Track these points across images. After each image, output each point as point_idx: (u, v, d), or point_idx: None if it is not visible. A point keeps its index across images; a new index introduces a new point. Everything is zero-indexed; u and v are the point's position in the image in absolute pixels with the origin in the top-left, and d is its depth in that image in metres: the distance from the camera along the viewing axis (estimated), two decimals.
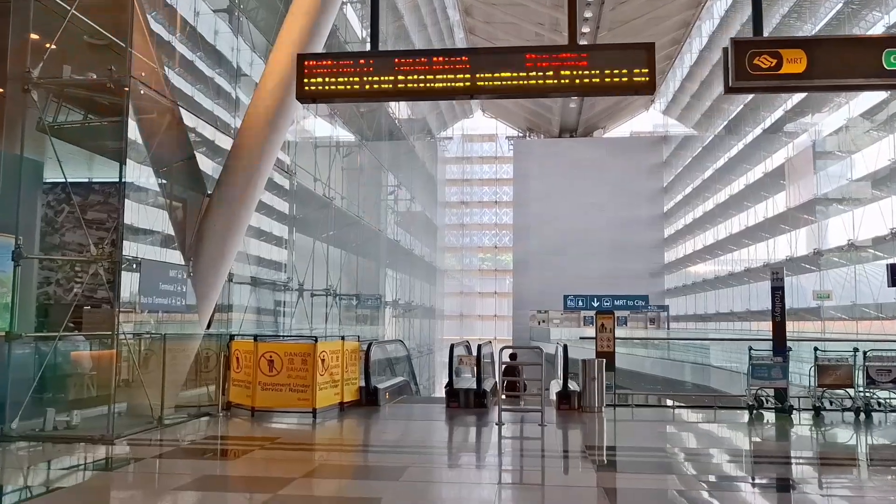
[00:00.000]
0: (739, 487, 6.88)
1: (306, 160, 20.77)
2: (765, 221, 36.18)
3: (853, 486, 6.91)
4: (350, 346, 12.50)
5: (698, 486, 6.66)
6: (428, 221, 42.89)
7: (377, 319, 30.45)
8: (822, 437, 10.39)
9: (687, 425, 11.39)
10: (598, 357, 12.44)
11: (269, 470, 7.36)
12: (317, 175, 20.87)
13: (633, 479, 7.05)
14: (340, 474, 7.17)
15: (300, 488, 6.36)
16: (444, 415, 11.68)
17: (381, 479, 6.90)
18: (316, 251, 21.13)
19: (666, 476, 7.15)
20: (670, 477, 7.11)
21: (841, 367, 11.90)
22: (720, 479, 7.13)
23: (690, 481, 6.87)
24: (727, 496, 6.40)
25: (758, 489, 6.84)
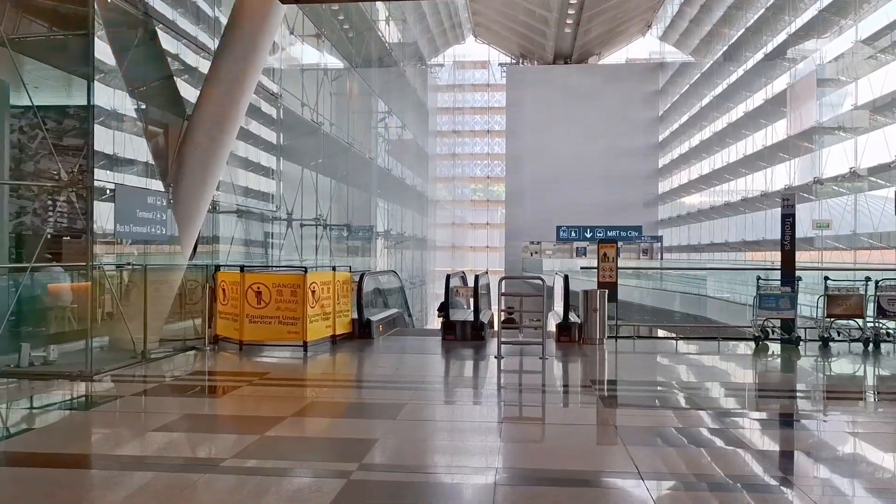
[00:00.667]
0: (755, 423, 6.49)
1: (293, 86, 19.82)
2: (763, 150, 35.48)
3: (871, 420, 6.52)
4: (342, 276, 11.97)
5: (711, 422, 6.25)
6: (419, 150, 41.93)
7: (369, 251, 29.94)
8: (834, 369, 10.04)
9: (691, 357, 11.03)
10: (600, 288, 11.99)
11: (258, 408, 6.90)
12: (304, 100, 19.95)
13: (642, 415, 6.64)
14: (333, 412, 6.72)
15: (290, 428, 5.90)
16: (440, 348, 11.26)
17: (377, 417, 6.46)
18: (305, 180, 20.40)
19: (677, 412, 6.74)
20: (682, 413, 6.70)
21: (851, 297, 11.50)
22: (732, 415, 6.73)
23: (703, 417, 6.46)
24: (742, 432, 6.00)
25: (773, 423, 6.44)
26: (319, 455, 5.25)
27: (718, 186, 44.36)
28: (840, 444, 5.72)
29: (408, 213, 38.97)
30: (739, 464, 5.03)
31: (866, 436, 5.91)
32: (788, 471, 4.98)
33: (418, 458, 5.11)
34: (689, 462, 5.01)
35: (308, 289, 10.70)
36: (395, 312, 14.60)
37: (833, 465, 5.04)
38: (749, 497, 4.27)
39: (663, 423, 6.24)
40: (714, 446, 5.50)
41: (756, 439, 5.80)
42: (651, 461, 4.97)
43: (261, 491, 4.34)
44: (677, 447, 5.44)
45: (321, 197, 21.32)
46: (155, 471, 4.73)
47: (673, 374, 9.20)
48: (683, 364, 10.30)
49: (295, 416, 6.35)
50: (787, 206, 12.02)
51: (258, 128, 18.85)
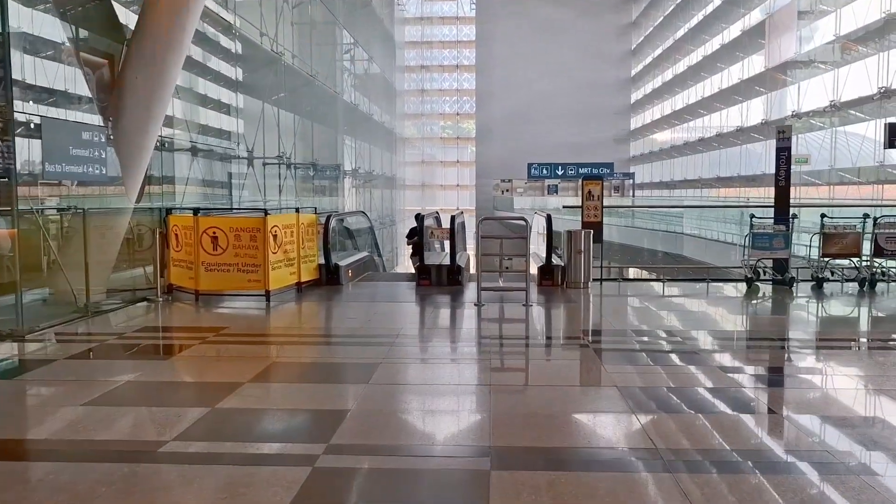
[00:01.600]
0: (769, 378, 5.84)
1: (251, 14, 18.34)
2: (740, 83, 34.67)
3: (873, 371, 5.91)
4: (306, 219, 11.03)
5: (716, 377, 5.59)
6: (387, 85, 40.32)
7: (336, 191, 28.82)
8: (833, 311, 9.47)
9: (682, 301, 10.39)
10: (584, 228, 11.23)
11: (210, 372, 6.06)
12: (263, 30, 18.51)
13: (642, 372, 5.95)
14: (297, 376, 5.91)
15: (246, 398, 5.08)
16: (414, 294, 10.47)
17: (347, 381, 5.67)
18: (266, 116, 19.12)
19: (682, 368, 6.07)
20: (686, 369, 6.03)
21: (848, 235, 10.90)
22: (740, 370, 6.08)
23: (708, 372, 5.79)
24: (759, 392, 5.35)
25: (794, 381, 5.79)
26: (279, 433, 4.45)
27: (692, 122, 43.62)
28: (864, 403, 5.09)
29: (376, 151, 37.68)
30: (768, 440, 4.35)
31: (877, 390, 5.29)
32: (810, 445, 4.31)
33: (395, 436, 4.33)
34: (721, 434, 4.31)
35: (269, 233, 9.76)
36: (365, 256, 13.74)
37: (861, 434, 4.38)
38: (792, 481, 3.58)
39: (670, 381, 5.54)
40: (729, 412, 4.82)
41: (779, 399, 5.13)
42: (666, 431, 4.26)
43: (201, 489, 3.53)
44: (694, 411, 4.74)
45: (284, 134, 20.09)
46: (70, 461, 3.89)
47: (666, 322, 8.53)
48: (675, 309, 9.65)
49: (253, 381, 5.53)
50: (782, 138, 11.26)
51: (217, 63, 17.49)
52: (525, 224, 9.47)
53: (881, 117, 23.94)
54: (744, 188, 36.06)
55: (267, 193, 19.65)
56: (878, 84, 23.03)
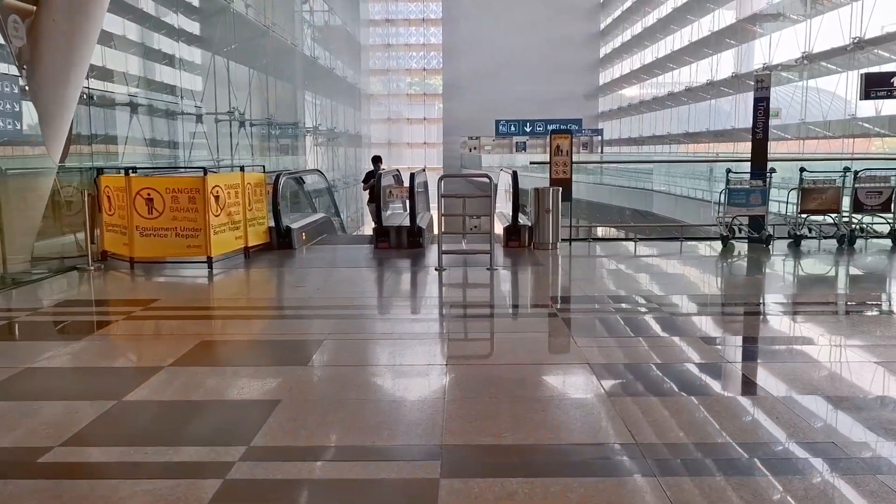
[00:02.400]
0: (758, 352, 5.30)
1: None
2: (710, 36, 33.98)
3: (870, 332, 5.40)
4: (253, 178, 10.19)
5: (697, 350, 5.03)
6: (350, 38, 38.86)
7: (297, 149, 27.74)
8: (814, 271, 8.98)
9: (655, 262, 9.83)
10: (552, 185, 10.56)
11: (127, 354, 5.32)
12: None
13: (616, 346, 5.36)
14: (228, 357, 5.20)
15: (161, 387, 4.37)
16: (371, 258, 9.75)
17: (283, 362, 4.97)
18: (218, 69, 17.98)
19: (659, 340, 5.49)
20: (666, 341, 5.46)
21: (827, 190, 10.39)
22: (717, 338, 5.53)
23: (688, 344, 5.23)
24: (749, 367, 4.80)
25: (781, 353, 5.24)
26: (191, 434, 3.74)
27: (661, 76, 42.96)
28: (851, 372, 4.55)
29: (339, 108, 36.43)
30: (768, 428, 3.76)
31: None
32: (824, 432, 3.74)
33: (328, 433, 3.66)
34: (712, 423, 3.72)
35: (210, 194, 8.92)
36: (322, 217, 12.94)
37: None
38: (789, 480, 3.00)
39: (646, 357, 4.94)
40: (722, 394, 4.24)
41: (770, 376, 4.55)
42: (647, 420, 3.65)
43: None
44: (677, 393, 4.14)
45: (238, 89, 18.98)
46: None
47: (639, 285, 7.94)
48: (648, 271, 9.07)
49: (174, 364, 4.81)
50: (760, 87, 10.65)
51: (156, 8, 16.25)
52: (489, 182, 8.76)
53: (853, 69, 23.51)
54: (713, 143, 35.69)
55: (221, 153, 18.62)
56: (850, 35, 22.51)
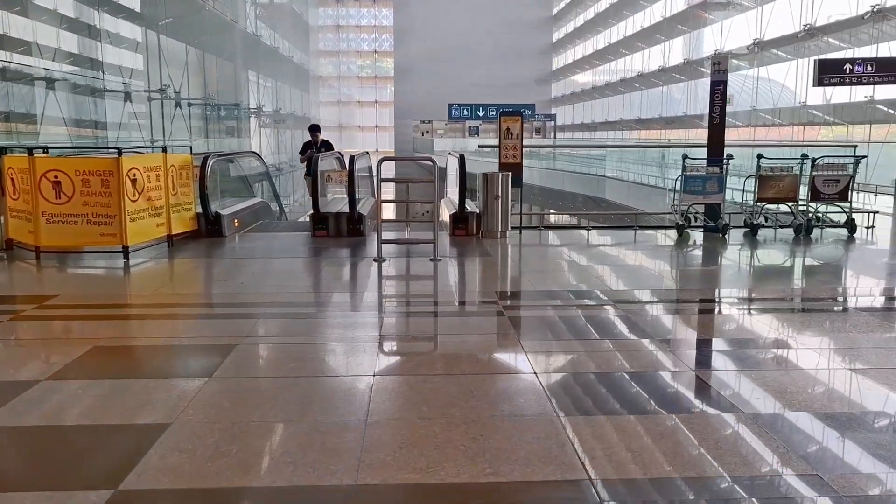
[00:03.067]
0: (730, 363, 4.82)
1: None
2: (662, 22, 33.82)
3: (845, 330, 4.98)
4: (178, 160, 9.36)
5: (656, 357, 4.51)
6: (297, 18, 37.57)
7: (240, 131, 26.62)
8: (774, 262, 8.61)
9: (608, 252, 9.35)
10: (502, 170, 9.98)
11: (4, 363, 4.54)
12: None
13: (564, 351, 4.81)
14: (120, 367, 4.47)
15: (26, 408, 3.64)
16: (306, 247, 9.05)
17: (183, 374, 4.27)
18: (149, 45, 16.86)
19: (611, 343, 4.96)
20: (617, 341, 4.93)
21: (785, 178, 10.04)
22: (678, 341, 5.03)
23: (646, 348, 4.71)
24: (693, 376, 4.30)
25: (752, 361, 4.75)
26: (46, 475, 3.03)
27: (614, 62, 42.81)
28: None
29: (286, 90, 35.22)
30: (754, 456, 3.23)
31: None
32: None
33: (218, 472, 2.99)
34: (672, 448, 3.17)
35: (126, 177, 8.07)
36: (258, 203, 12.14)
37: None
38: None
39: (602, 364, 4.40)
40: (689, 405, 3.71)
41: (741, 390, 4.04)
42: (604, 449, 3.09)
43: None
44: (636, 415, 3.59)
45: (172, 66, 17.87)
46: None
47: (591, 278, 7.41)
48: (601, 262, 8.58)
49: (55, 377, 4.08)
50: (718, 71, 10.22)
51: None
52: (433, 165, 8.11)
53: (803, 57, 23.52)
54: (665, 130, 35.69)
55: (157, 135, 17.56)
56: (801, 22, 22.45)
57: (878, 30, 18.80)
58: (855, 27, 19.86)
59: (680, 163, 10.07)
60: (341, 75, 65.36)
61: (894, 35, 18.91)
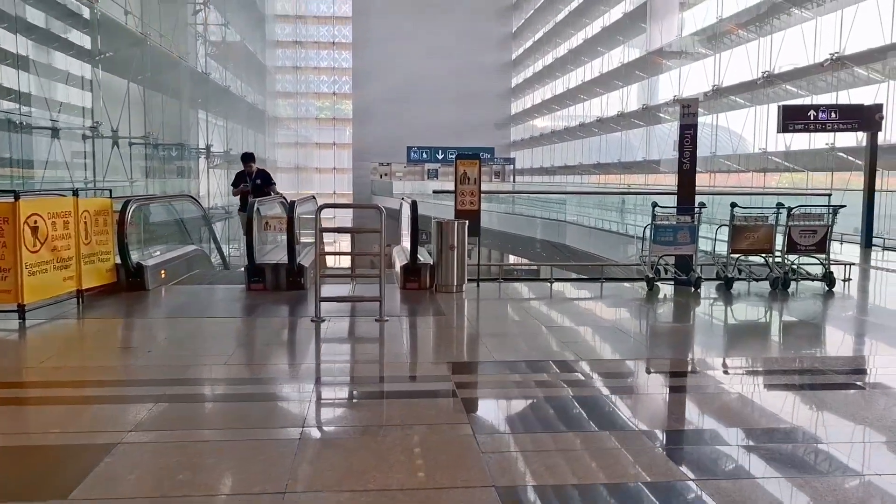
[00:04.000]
0: (710, 461, 3.96)
1: None
2: (620, 68, 33.89)
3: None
4: (94, 205, 8.31)
5: (648, 460, 3.63)
6: (251, 57, 36.76)
7: (187, 172, 25.47)
8: (756, 320, 7.87)
9: (575, 309, 8.52)
10: (457, 217, 9.13)
11: None
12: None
13: (533, 447, 3.90)
14: None
15: None
16: (237, 304, 8.03)
17: (34, 495, 3.23)
18: (84, 78, 15.76)
19: (590, 434, 4.08)
20: (595, 436, 4.04)
21: (760, 228, 9.38)
22: (670, 439, 4.17)
23: (634, 445, 3.83)
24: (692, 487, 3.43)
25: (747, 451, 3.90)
26: None
27: (573, 107, 42.88)
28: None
29: (239, 130, 34.20)
30: None
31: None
32: None
33: None
34: None
35: (24, 224, 6.99)
36: (192, 251, 11.06)
37: None
38: None
39: (579, 466, 3.49)
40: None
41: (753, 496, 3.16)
42: None
43: None
44: None
45: (110, 102, 16.80)
46: None
47: (557, 342, 6.50)
48: (567, 323, 7.73)
49: None
50: (687, 114, 9.60)
51: None
52: (379, 213, 7.21)
53: (762, 103, 23.48)
54: (624, 175, 35.57)
55: (90, 175, 16.38)
56: (759, 69, 22.43)
57: (836, 77, 18.73)
58: (813, 74, 19.82)
59: (647, 209, 9.39)
60: (299, 117, 64.55)
61: (852, 83, 18.88)
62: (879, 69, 17.77)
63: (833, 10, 18.97)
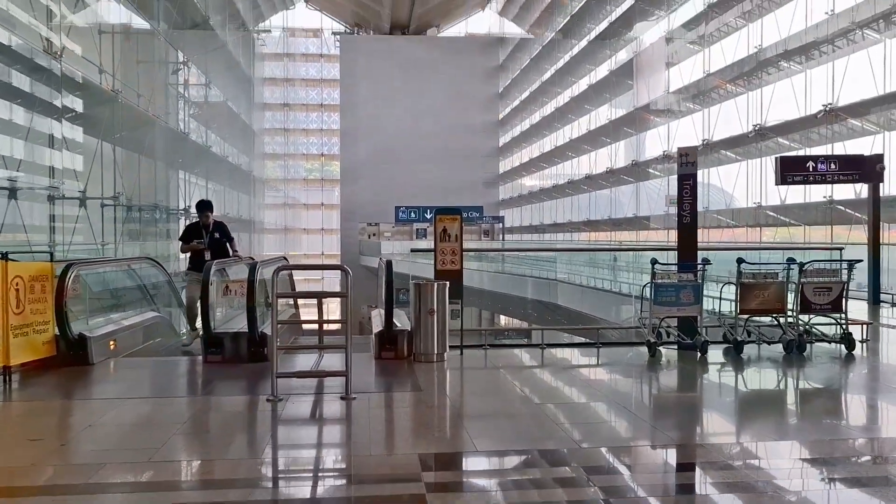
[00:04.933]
0: None
1: None
2: (608, 125, 33.66)
3: None
4: (28, 270, 7.42)
5: None
6: (235, 118, 36.36)
7: (165, 233, 24.63)
8: (776, 392, 6.98)
9: (571, 381, 7.62)
10: (438, 279, 8.27)
11: None
12: (33, 18, 14.44)
13: None
14: None
15: None
16: (188, 379, 7.10)
17: None
18: (44, 134, 14.98)
19: None
20: None
21: (770, 286, 8.56)
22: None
23: None
24: None
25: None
26: None
27: (561, 164, 42.62)
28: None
29: (222, 190, 33.55)
30: None
31: None
32: None
33: None
34: None
35: None
36: (151, 318, 10.11)
37: None
38: None
39: None
40: None
41: None
42: None
43: None
44: None
45: (78, 161, 16.06)
46: None
47: (550, 425, 5.54)
48: (560, 397, 6.81)
49: None
50: (686, 163, 8.91)
51: None
52: (346, 275, 6.35)
53: (753, 157, 23.05)
54: (613, 231, 35.01)
55: (54, 235, 15.52)
56: (750, 123, 22.05)
57: (830, 129, 18.28)
58: (808, 128, 19.40)
59: (640, 266, 8.61)
60: (288, 178, 64.29)
61: (846, 135, 18.44)
62: (874, 120, 17.35)
63: (824, 62, 18.68)
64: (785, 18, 20.93)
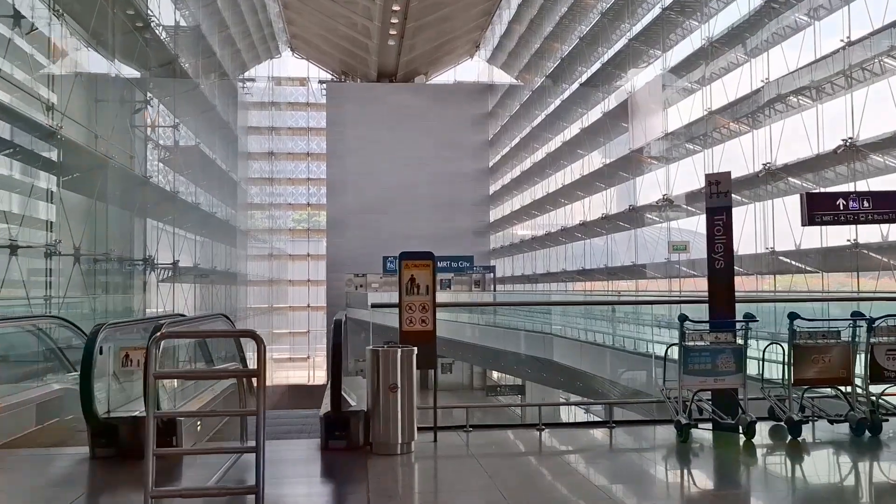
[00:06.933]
0: None
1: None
2: (603, 169, 32.11)
3: None
4: None
5: None
6: (209, 163, 34.65)
7: (129, 287, 22.67)
8: (851, 491, 5.06)
9: (577, 479, 5.67)
10: (402, 343, 6.33)
11: None
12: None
13: None
14: None
15: None
16: (60, 482, 5.10)
17: None
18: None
19: None
20: None
21: (832, 348, 6.67)
22: None
23: None
24: None
25: None
26: None
27: (553, 212, 41.02)
28: None
29: (199, 242, 31.65)
30: None
31: None
32: None
33: None
34: None
35: None
36: (56, 391, 8.10)
37: None
38: None
39: None
40: None
41: None
42: None
43: None
44: None
45: (14, 208, 14.24)
46: None
47: None
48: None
49: None
50: (717, 193, 7.14)
51: None
52: (258, 343, 4.43)
53: (760, 200, 21.44)
54: (609, 281, 33.18)
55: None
56: (758, 162, 20.48)
57: (850, 167, 16.68)
58: (825, 166, 17.81)
59: (640, 319, 6.76)
60: (272, 228, 62.58)
61: (866, 172, 16.83)
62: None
63: (839, 95, 17.21)
64: (792, 52, 19.62)
